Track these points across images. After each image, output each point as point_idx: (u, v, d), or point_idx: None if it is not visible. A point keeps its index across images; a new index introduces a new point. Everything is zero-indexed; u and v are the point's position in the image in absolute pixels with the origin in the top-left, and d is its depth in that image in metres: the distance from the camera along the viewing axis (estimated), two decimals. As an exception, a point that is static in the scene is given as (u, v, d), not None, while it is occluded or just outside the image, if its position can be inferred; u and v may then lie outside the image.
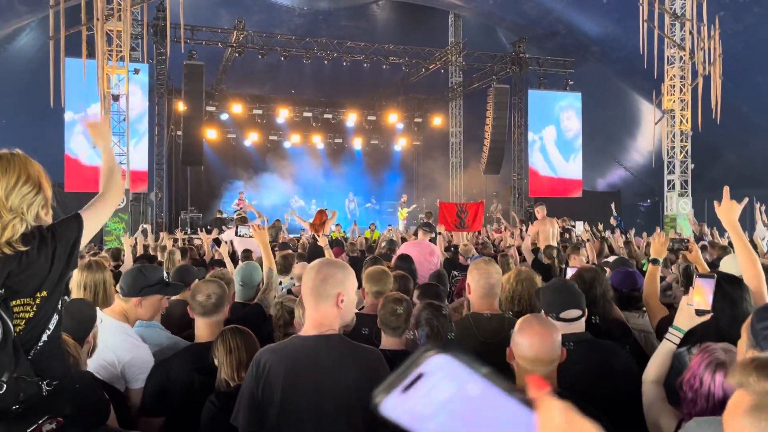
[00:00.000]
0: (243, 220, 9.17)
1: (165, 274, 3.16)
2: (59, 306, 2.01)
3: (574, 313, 2.71)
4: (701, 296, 2.34)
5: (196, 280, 4.17)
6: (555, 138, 21.35)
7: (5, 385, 1.72)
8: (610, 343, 2.78)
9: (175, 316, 3.60)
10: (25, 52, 19.89)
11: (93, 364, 2.60)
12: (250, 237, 5.79)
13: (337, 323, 2.30)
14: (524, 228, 11.48)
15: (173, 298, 3.87)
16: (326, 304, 2.26)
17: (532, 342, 2.23)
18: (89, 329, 2.55)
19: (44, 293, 1.92)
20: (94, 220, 2.14)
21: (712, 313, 2.34)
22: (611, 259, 4.91)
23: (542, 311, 2.80)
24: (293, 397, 2.17)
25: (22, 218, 1.89)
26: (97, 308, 2.87)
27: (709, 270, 3.86)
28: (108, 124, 2.54)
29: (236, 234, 6.67)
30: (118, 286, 3.02)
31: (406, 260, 5.23)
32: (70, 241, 2.00)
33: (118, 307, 2.98)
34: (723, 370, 1.86)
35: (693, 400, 1.91)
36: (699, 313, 2.34)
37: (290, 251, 6.28)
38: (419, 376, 0.73)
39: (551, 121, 21.31)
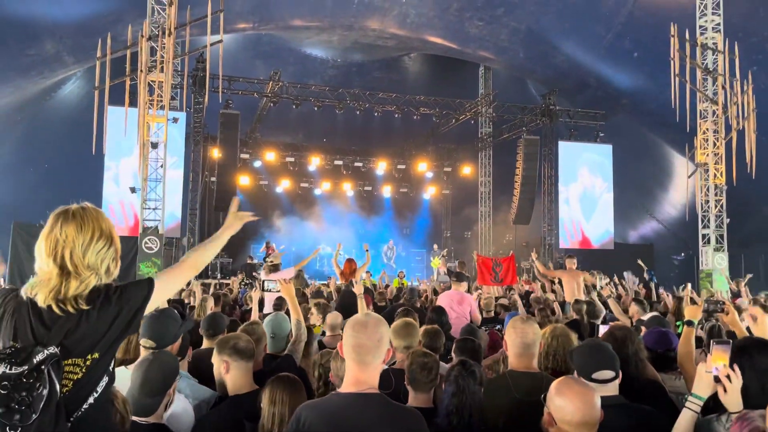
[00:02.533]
0: (275, 268, 9.15)
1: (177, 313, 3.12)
2: (111, 368, 1.97)
3: (607, 374, 2.65)
4: (719, 362, 2.30)
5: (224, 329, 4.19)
6: (584, 190, 21.22)
7: None
8: (646, 408, 2.70)
9: (205, 365, 3.58)
10: (70, 101, 20.70)
11: None
12: (278, 291, 5.81)
13: (377, 380, 2.31)
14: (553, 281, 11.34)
15: (203, 347, 3.90)
16: (376, 363, 2.27)
17: (575, 405, 2.19)
18: (171, 383, 2.54)
19: (96, 355, 1.88)
20: (166, 287, 2.10)
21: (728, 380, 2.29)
22: (646, 317, 4.80)
23: (575, 372, 2.76)
24: (333, 455, 2.15)
25: (97, 274, 1.90)
26: (123, 367, 2.87)
27: (746, 333, 3.75)
28: (243, 220, 2.47)
29: (263, 289, 6.67)
30: (143, 340, 2.90)
31: (438, 312, 5.19)
32: (134, 307, 1.96)
33: None
34: None
35: None
36: (718, 380, 2.29)
37: (324, 300, 6.31)
38: None
39: (580, 173, 21.22)
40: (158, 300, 2.06)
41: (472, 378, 2.81)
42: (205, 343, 3.99)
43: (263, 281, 7.02)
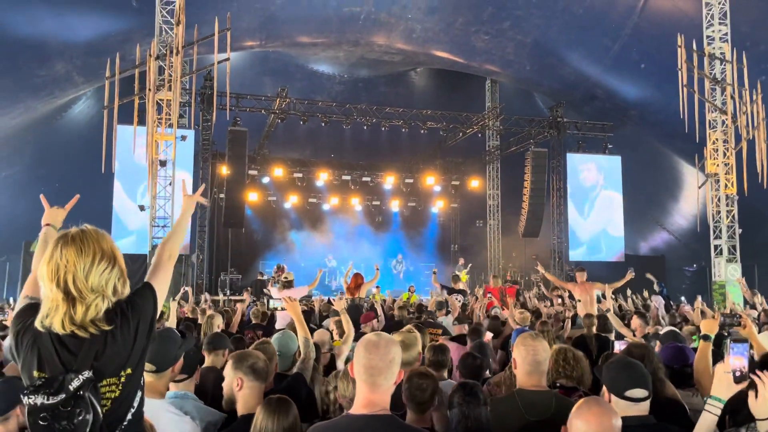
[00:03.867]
0: (289, 285, 9.10)
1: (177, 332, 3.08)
2: (142, 382, 2.00)
3: (641, 392, 2.56)
4: (738, 362, 2.23)
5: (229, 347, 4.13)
6: (593, 202, 21.12)
7: None
8: (675, 428, 2.63)
9: (209, 384, 3.54)
10: (80, 120, 20.90)
11: None
12: (283, 309, 5.74)
13: (389, 402, 2.27)
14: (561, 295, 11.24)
15: (204, 365, 3.85)
16: (388, 385, 2.23)
17: (593, 427, 2.12)
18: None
19: (129, 371, 1.91)
20: (160, 287, 2.14)
21: (749, 380, 2.21)
22: (663, 330, 4.70)
23: (603, 388, 2.69)
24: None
25: (103, 296, 1.90)
26: None
27: (764, 347, 3.67)
28: (196, 199, 2.70)
29: (268, 307, 6.61)
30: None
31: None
32: (149, 315, 2.00)
33: (149, 385, 2.74)
34: None
35: None
36: (737, 380, 2.22)
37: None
38: None
39: (589, 185, 21.13)
40: (162, 298, 2.12)
41: (475, 401, 2.74)
42: (207, 361, 3.93)
43: (268, 299, 6.97)
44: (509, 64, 20.44)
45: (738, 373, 2.22)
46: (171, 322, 5.86)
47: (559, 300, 11.20)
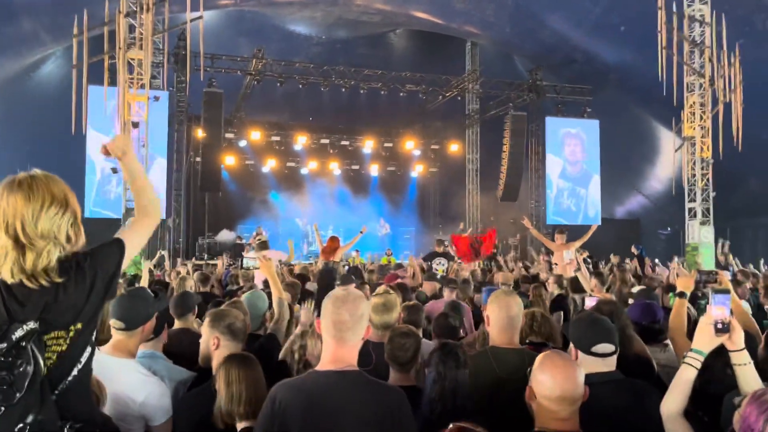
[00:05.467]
0: (264, 246, 8.97)
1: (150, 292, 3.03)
2: (93, 338, 1.93)
3: (607, 348, 2.57)
4: (720, 312, 2.20)
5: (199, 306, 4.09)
6: (569, 166, 21.21)
7: (28, 428, 1.65)
8: (642, 383, 2.64)
9: (178, 346, 3.49)
10: (49, 81, 20.30)
11: (109, 411, 2.48)
12: (257, 269, 5.68)
13: (356, 358, 2.24)
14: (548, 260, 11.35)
15: (174, 327, 3.80)
16: (356, 341, 2.22)
17: (556, 380, 2.11)
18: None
19: (79, 325, 1.84)
20: (134, 246, 2.04)
21: (729, 332, 2.18)
22: (636, 289, 4.75)
23: (570, 345, 2.69)
24: (311, 437, 2.07)
25: (55, 243, 1.82)
26: (97, 348, 2.77)
27: (742, 308, 3.71)
28: (128, 139, 2.37)
29: (241, 267, 6.55)
30: (113, 321, 2.78)
31: (455, 310, 4.68)
32: (109, 271, 1.91)
33: (119, 343, 2.77)
34: None
35: None
36: (718, 331, 2.19)
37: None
38: None
39: (567, 149, 21.19)
40: (131, 256, 2.01)
41: (454, 361, 2.72)
42: (176, 324, 3.87)
43: (242, 259, 6.90)
44: (489, 26, 20.18)
45: (719, 325, 2.19)
46: (143, 284, 5.76)
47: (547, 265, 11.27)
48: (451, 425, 1.79)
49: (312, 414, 2.09)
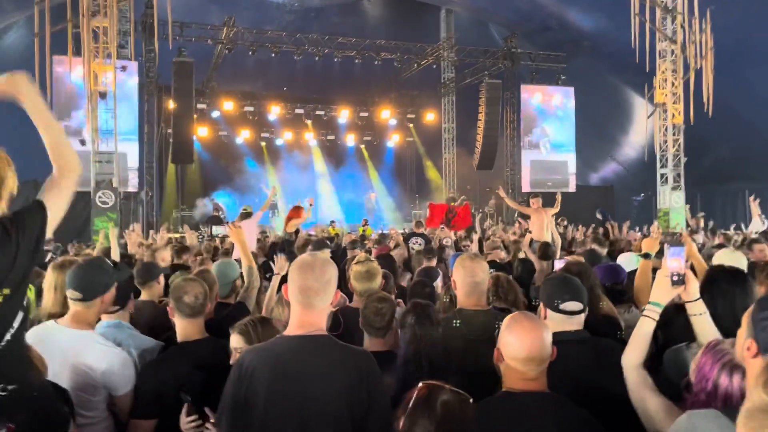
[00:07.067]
0: (247, 215, 8.95)
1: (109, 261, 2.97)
2: (24, 303, 1.90)
3: (575, 305, 2.58)
4: (675, 263, 2.23)
5: (168, 277, 4.04)
6: (546, 133, 21.30)
7: None
8: (608, 341, 2.68)
9: (144, 318, 3.46)
10: (12, 51, 19.62)
11: (68, 383, 2.45)
12: (226, 236, 5.62)
13: (325, 323, 2.23)
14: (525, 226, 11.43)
15: (141, 299, 3.75)
16: (323, 306, 2.20)
17: (523, 341, 2.12)
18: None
19: (7, 291, 1.80)
20: (57, 206, 1.95)
21: (684, 284, 2.23)
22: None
23: (541, 304, 2.71)
24: (278, 401, 2.06)
25: None
26: (53, 321, 2.73)
27: (705, 265, 3.77)
28: (24, 76, 1.99)
29: (210, 235, 6.47)
30: (70, 291, 2.68)
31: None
32: (34, 234, 1.86)
33: (77, 314, 2.69)
34: (740, 372, 1.76)
35: (706, 403, 1.80)
36: (675, 283, 2.23)
37: None
38: None
39: (542, 117, 21.25)
40: (56, 219, 1.93)
41: (428, 321, 2.71)
42: (143, 295, 3.83)
43: (211, 227, 6.84)
44: (464, -8, 20.00)
45: (675, 277, 2.22)
46: (113, 253, 5.67)
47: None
48: (420, 383, 1.79)
49: (280, 377, 2.08)
